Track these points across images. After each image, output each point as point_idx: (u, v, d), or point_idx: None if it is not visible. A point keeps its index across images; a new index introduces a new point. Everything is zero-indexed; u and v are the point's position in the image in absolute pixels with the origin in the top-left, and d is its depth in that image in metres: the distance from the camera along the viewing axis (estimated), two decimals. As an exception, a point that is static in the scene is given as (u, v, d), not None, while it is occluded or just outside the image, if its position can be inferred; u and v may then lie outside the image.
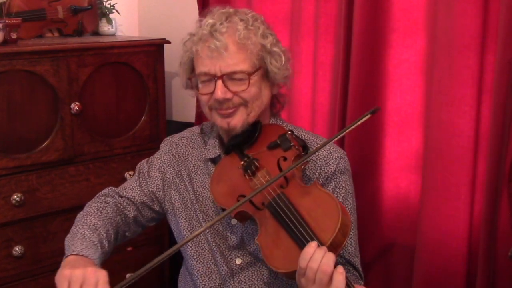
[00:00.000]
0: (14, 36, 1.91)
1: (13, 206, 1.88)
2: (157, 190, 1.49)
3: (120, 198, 1.49)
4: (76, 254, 1.32)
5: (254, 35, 1.34)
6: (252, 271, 1.40)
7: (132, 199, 1.49)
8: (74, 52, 1.96)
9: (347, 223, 1.19)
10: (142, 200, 1.48)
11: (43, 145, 1.93)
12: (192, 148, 1.50)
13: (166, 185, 1.48)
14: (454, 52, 1.53)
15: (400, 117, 1.74)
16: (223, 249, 1.41)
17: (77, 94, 1.97)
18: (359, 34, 1.71)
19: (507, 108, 1.46)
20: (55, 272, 2.01)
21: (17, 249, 1.91)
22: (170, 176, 1.48)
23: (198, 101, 1.48)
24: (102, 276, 1.23)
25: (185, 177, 1.47)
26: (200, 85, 1.38)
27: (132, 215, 1.48)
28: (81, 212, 1.49)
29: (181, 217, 1.46)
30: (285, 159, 1.31)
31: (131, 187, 1.50)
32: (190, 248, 1.45)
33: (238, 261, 1.40)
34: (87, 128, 2.01)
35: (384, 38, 1.71)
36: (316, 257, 1.13)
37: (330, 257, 1.13)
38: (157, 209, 1.50)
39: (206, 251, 1.43)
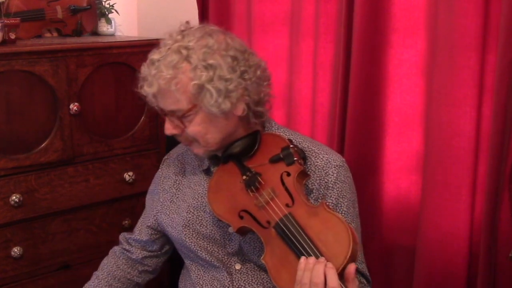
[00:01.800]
0: (12, 36, 1.90)
1: (11, 207, 1.87)
2: (150, 221, 1.56)
3: (127, 244, 1.61)
4: None
5: (182, 74, 1.29)
6: (252, 276, 1.39)
7: (139, 239, 1.58)
8: (73, 52, 1.95)
9: (356, 248, 1.16)
10: (148, 237, 1.57)
11: (42, 145, 1.92)
12: (188, 164, 1.51)
13: (159, 207, 1.52)
14: (454, 52, 1.53)
15: (401, 118, 1.73)
16: (222, 255, 1.41)
17: (76, 95, 1.96)
18: (360, 34, 1.70)
19: (508, 109, 1.45)
20: (54, 273, 2.01)
21: (15, 250, 1.90)
22: (167, 188, 1.52)
23: None
24: None
25: (186, 187, 1.49)
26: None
27: (140, 256, 1.58)
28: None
29: (166, 220, 1.49)
30: (288, 174, 1.28)
31: (138, 226, 1.61)
32: (190, 254, 1.45)
33: (237, 266, 1.40)
34: (86, 128, 2.01)
35: (385, 38, 1.71)
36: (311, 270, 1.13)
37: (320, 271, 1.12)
38: (161, 236, 1.57)
39: (205, 257, 1.42)
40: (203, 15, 2.17)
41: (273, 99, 1.47)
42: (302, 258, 1.15)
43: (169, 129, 1.34)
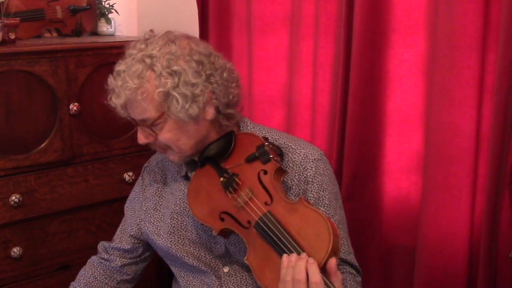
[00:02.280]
0: (12, 36, 1.90)
1: (11, 207, 1.87)
2: (133, 230, 1.54)
3: (105, 254, 1.59)
4: None
5: (147, 82, 1.29)
6: (241, 278, 1.39)
7: (120, 248, 1.56)
8: (73, 52, 1.95)
9: (338, 241, 1.17)
10: (130, 246, 1.56)
11: (42, 146, 1.92)
12: (168, 170, 1.50)
13: (143, 215, 1.51)
14: (455, 52, 1.52)
15: (401, 118, 1.73)
16: (210, 259, 1.40)
17: (75, 95, 1.96)
18: (360, 34, 1.70)
19: (508, 109, 1.45)
20: (53, 274, 2.01)
21: (15, 250, 1.90)
22: (150, 196, 1.51)
23: None
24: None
25: (168, 194, 1.48)
26: None
27: (120, 263, 1.56)
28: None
29: (151, 228, 1.48)
30: (265, 172, 1.28)
31: (117, 234, 1.59)
32: (176, 261, 1.45)
33: (226, 269, 1.40)
34: (85, 129, 2.01)
35: (385, 38, 1.70)
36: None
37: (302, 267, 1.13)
38: (144, 244, 1.56)
39: (192, 262, 1.41)
40: (203, 15, 2.17)
41: (273, 98, 1.47)
42: (284, 256, 1.15)
43: (141, 138, 1.35)
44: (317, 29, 1.84)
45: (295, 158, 1.37)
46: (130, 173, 2.12)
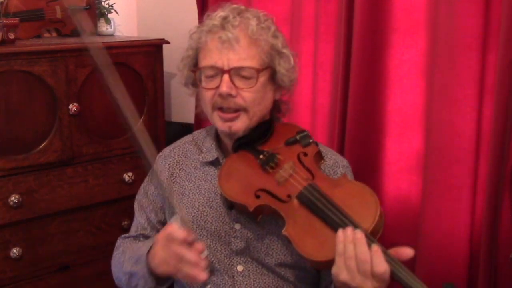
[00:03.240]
0: (12, 36, 1.89)
1: (10, 207, 1.87)
2: (161, 217, 1.48)
3: (134, 239, 1.51)
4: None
5: (265, 33, 1.31)
6: (254, 279, 1.35)
7: (146, 234, 1.49)
8: (72, 52, 1.94)
9: (382, 213, 1.16)
10: (156, 230, 1.48)
11: (41, 146, 1.91)
12: (185, 156, 1.46)
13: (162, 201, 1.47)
14: (455, 52, 1.52)
15: (401, 118, 1.73)
16: (225, 255, 1.37)
17: (75, 95, 1.96)
18: (360, 34, 1.70)
19: (508, 109, 1.45)
20: (53, 274, 2.01)
21: (14, 251, 1.90)
22: (165, 181, 1.46)
23: (197, 100, 1.46)
24: (163, 232, 1.23)
25: (184, 183, 1.43)
26: (204, 80, 1.34)
27: None
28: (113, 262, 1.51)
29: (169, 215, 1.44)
30: (305, 154, 1.29)
31: (140, 224, 1.50)
32: None
33: (240, 268, 1.36)
34: (85, 129, 2.00)
35: (385, 38, 1.70)
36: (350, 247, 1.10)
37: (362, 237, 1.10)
38: None
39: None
40: (203, 16, 2.16)
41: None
42: (340, 231, 1.12)
43: (228, 87, 1.28)
44: (317, 29, 1.84)
45: (326, 162, 1.37)
46: (130, 174, 2.11)
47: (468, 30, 1.49)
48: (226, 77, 1.29)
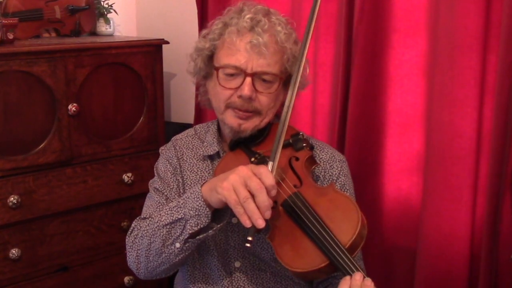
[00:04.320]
0: (10, 36, 1.89)
1: (9, 208, 1.86)
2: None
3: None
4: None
5: (289, 41, 1.34)
6: (252, 275, 1.37)
7: None
8: (72, 52, 1.94)
9: (365, 225, 1.17)
10: None
11: (40, 146, 1.91)
12: (187, 148, 1.46)
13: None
14: (456, 53, 1.52)
15: (402, 118, 1.72)
16: (222, 251, 1.38)
17: (74, 95, 1.95)
18: (360, 34, 1.70)
19: (509, 109, 1.45)
20: (52, 275, 2.00)
21: (13, 252, 1.89)
22: (172, 170, 1.45)
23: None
24: (248, 165, 1.19)
25: (179, 177, 1.44)
26: (223, 78, 1.34)
27: None
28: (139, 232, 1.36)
29: None
30: (297, 159, 1.29)
31: (158, 205, 1.40)
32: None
33: (237, 264, 1.37)
34: (84, 129, 2.00)
35: (385, 39, 1.70)
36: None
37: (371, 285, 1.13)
38: None
39: (203, 253, 1.40)
40: (203, 16, 2.16)
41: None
42: (348, 277, 1.14)
43: (250, 90, 1.30)
44: (317, 29, 1.84)
45: (322, 155, 1.40)
46: (129, 174, 2.11)
47: (468, 30, 1.49)
48: (249, 80, 1.30)
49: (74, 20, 2.22)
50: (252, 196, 1.13)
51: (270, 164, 1.21)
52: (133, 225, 1.39)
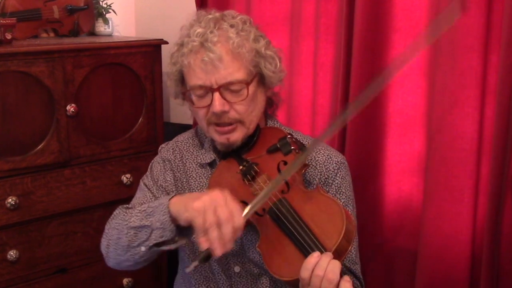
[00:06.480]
0: (8, 36, 1.88)
1: (7, 209, 1.85)
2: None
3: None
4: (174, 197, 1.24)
5: (246, 41, 1.30)
6: (251, 280, 1.36)
7: None
8: (70, 52, 1.93)
9: (351, 229, 1.17)
10: None
11: (38, 147, 1.90)
12: (187, 152, 1.45)
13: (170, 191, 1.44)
14: (457, 53, 1.51)
15: (402, 119, 1.72)
16: (221, 256, 1.37)
17: (72, 96, 1.94)
18: (360, 34, 1.69)
19: (511, 110, 1.44)
20: (50, 277, 1.99)
21: (11, 253, 1.88)
22: (170, 180, 1.44)
23: (190, 110, 1.45)
24: (225, 192, 1.16)
25: (184, 182, 1.43)
26: (195, 99, 1.33)
27: None
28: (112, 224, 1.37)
29: None
30: (285, 163, 1.28)
31: (144, 199, 1.40)
32: (187, 255, 1.42)
33: (237, 269, 1.37)
34: (83, 130, 1.99)
35: (386, 39, 1.69)
36: (321, 264, 1.10)
37: (336, 265, 1.10)
38: None
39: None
40: (202, 15, 2.15)
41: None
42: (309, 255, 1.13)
43: (221, 104, 1.27)
44: (317, 29, 1.83)
45: (318, 157, 1.38)
46: (128, 175, 2.10)
47: (469, 30, 1.49)
48: (216, 95, 1.28)
49: (73, 20, 2.21)
50: (219, 224, 1.11)
51: (249, 207, 1.17)
52: (115, 212, 1.39)
